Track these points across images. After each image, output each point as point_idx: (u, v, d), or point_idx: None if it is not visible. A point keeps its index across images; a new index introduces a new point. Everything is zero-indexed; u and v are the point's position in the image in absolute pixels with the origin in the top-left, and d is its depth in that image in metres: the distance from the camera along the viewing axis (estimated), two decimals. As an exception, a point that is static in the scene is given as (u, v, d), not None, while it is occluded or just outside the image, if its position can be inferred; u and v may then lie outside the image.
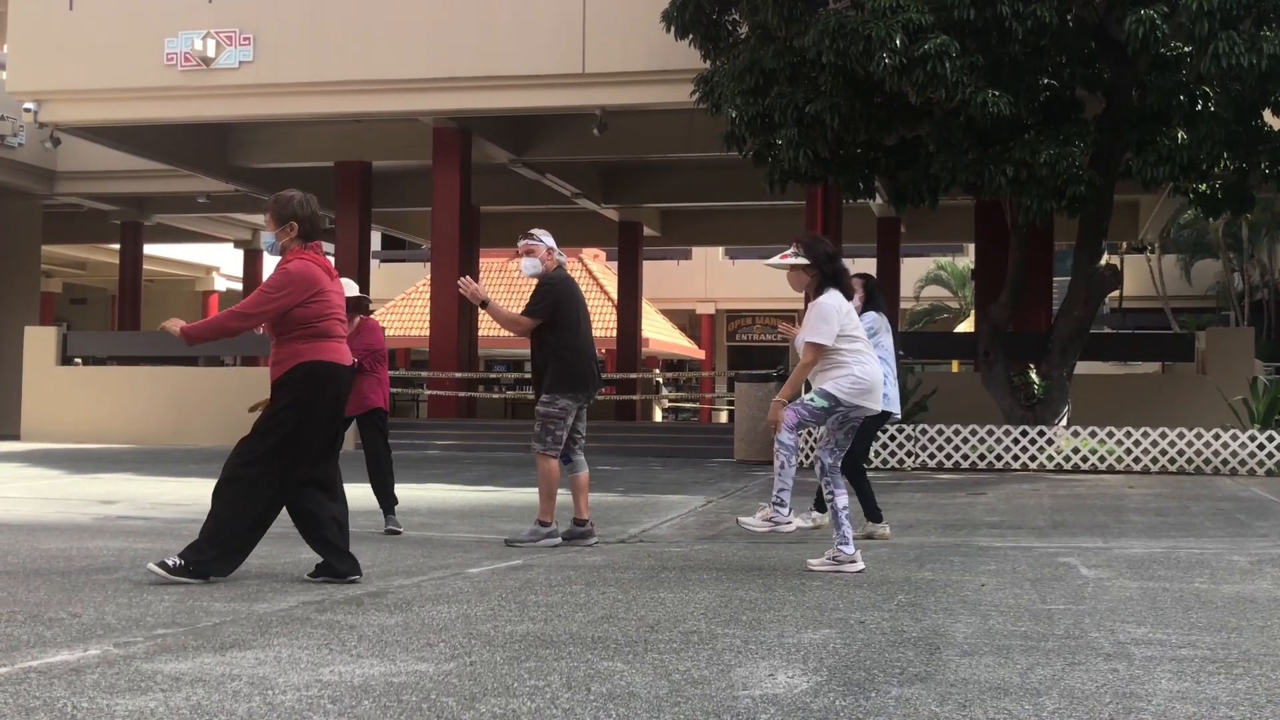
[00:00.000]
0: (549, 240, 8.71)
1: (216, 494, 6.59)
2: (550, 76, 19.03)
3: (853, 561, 7.30)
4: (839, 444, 7.41)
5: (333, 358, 6.65)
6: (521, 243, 8.73)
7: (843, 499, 7.37)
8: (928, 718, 3.90)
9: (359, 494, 10.70)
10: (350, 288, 10.15)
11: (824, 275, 7.35)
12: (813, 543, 8.72)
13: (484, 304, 8.59)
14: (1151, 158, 14.67)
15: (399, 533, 9.50)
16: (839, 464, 7.42)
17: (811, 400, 7.23)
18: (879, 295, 9.25)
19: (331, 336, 6.66)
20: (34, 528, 9.28)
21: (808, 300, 7.55)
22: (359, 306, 10.16)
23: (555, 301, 8.53)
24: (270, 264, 35.21)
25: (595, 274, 37.70)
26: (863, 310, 8.94)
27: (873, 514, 9.23)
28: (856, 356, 7.27)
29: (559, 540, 8.63)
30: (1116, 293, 32.88)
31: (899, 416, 9.64)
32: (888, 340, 9.02)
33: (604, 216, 29.47)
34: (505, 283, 38.30)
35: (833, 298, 7.30)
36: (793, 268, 7.39)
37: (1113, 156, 15.63)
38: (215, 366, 25.66)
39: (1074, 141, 14.53)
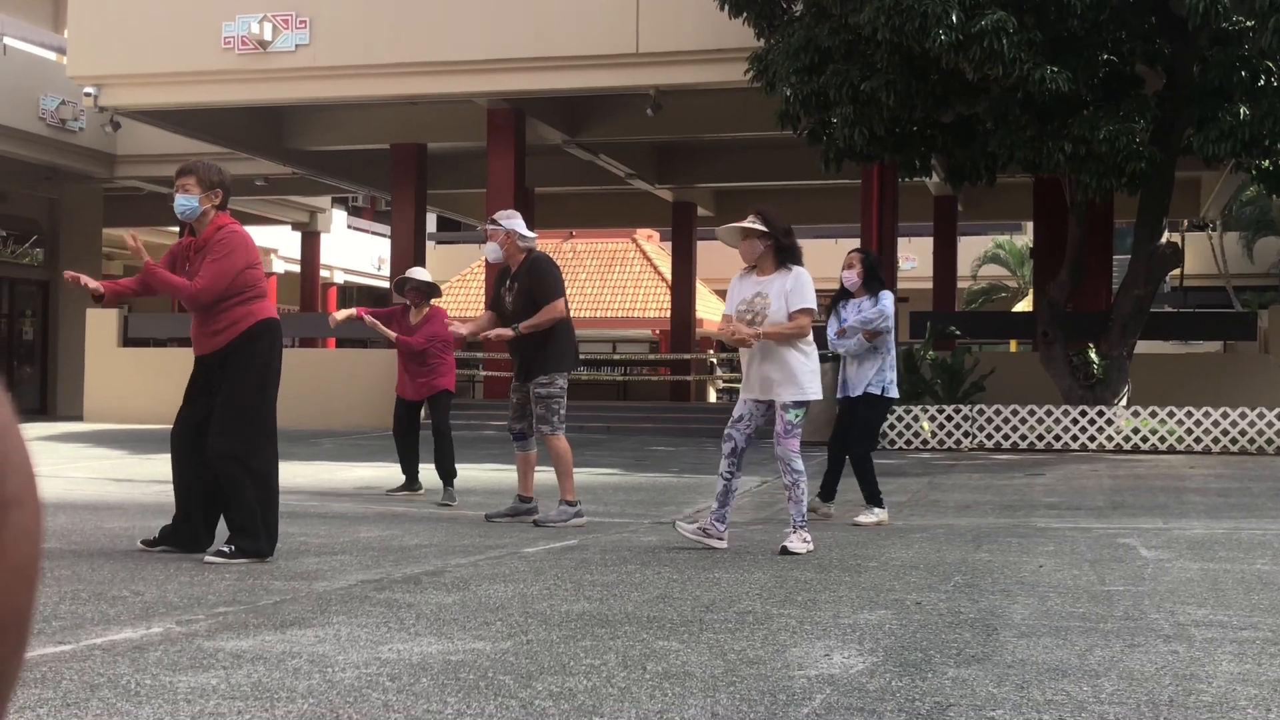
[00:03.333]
0: (509, 223, 8.70)
1: (251, 485, 6.58)
2: (604, 57, 19.01)
3: (720, 540, 7.39)
4: (758, 429, 7.45)
5: (274, 315, 6.86)
6: (485, 228, 8.82)
7: (738, 481, 7.47)
8: (985, 699, 3.88)
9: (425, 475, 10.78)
10: (421, 274, 10.62)
11: (780, 247, 7.34)
12: (857, 531, 8.70)
13: (517, 333, 8.58)
14: (1213, 134, 14.46)
15: (452, 505, 9.80)
16: (747, 448, 7.42)
17: (796, 418, 7.26)
18: (880, 271, 9.00)
19: (266, 298, 6.87)
20: (97, 507, 9.42)
21: (755, 270, 7.45)
22: (430, 293, 10.59)
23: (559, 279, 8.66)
24: (333, 243, 35.37)
25: (649, 255, 37.67)
26: (863, 286, 8.86)
27: (828, 494, 9.11)
28: (812, 353, 7.33)
29: (585, 519, 8.68)
30: (1177, 271, 32.50)
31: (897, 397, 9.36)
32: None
33: (658, 197, 29.41)
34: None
35: (806, 272, 7.37)
36: (750, 233, 7.35)
37: (1173, 133, 15.42)
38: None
39: (1134, 118, 14.35)
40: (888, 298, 8.84)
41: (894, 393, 8.89)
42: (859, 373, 8.86)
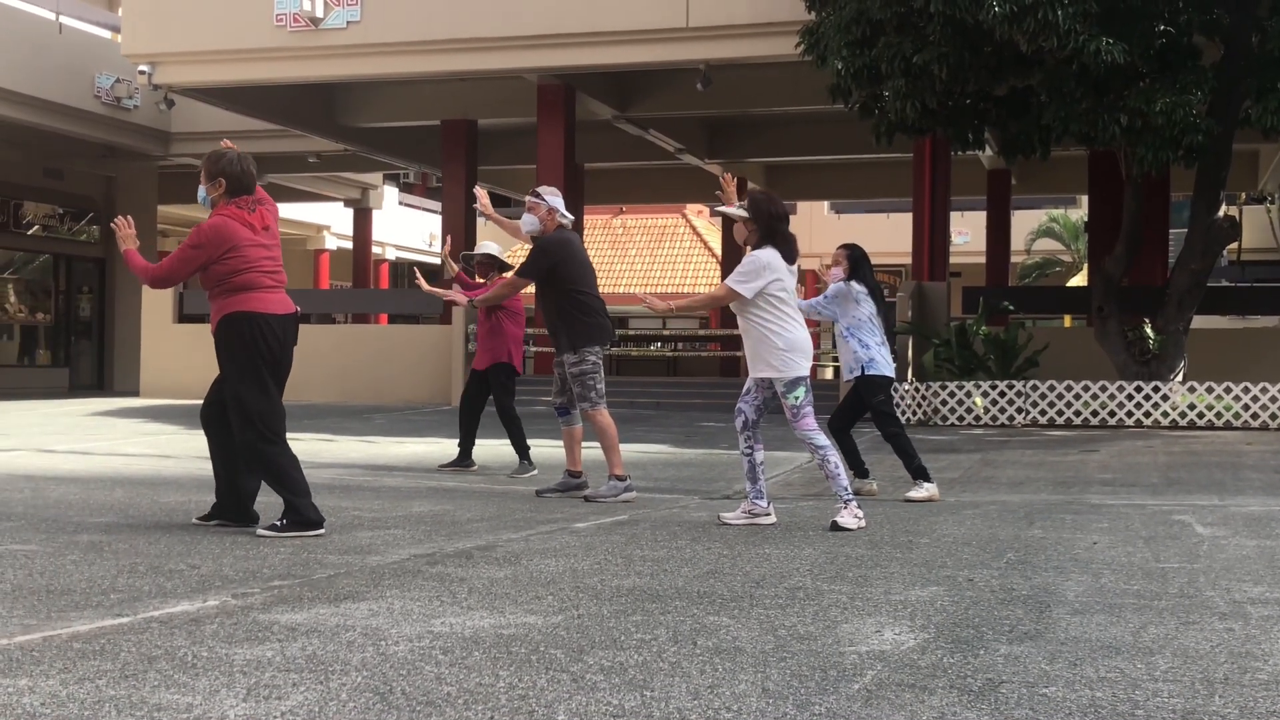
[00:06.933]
0: (552, 200, 8.69)
1: (259, 471, 6.86)
2: (654, 31, 18.93)
3: (767, 515, 7.50)
4: (766, 403, 7.56)
5: (253, 307, 6.81)
6: (527, 199, 8.79)
7: (760, 454, 7.54)
8: (1038, 676, 3.86)
9: (495, 452, 10.83)
10: (488, 247, 10.81)
11: (764, 232, 7.49)
12: (888, 504, 8.68)
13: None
14: (1271, 105, 14.24)
15: (536, 473, 10.14)
16: (760, 420, 7.55)
17: (795, 400, 7.35)
18: (865, 265, 9.09)
19: (255, 289, 6.81)
20: (154, 482, 9.54)
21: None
22: (498, 265, 10.77)
23: (551, 264, 8.57)
24: (385, 220, 35.58)
25: (699, 230, 37.62)
26: (847, 280, 8.93)
27: (858, 470, 9.17)
28: (787, 324, 7.38)
29: (635, 494, 8.70)
30: (1235, 245, 32.02)
31: (895, 379, 9.44)
32: (866, 309, 8.90)
33: (708, 172, 29.32)
34: (609, 240, 38.36)
35: (767, 253, 7.41)
36: (738, 219, 7.57)
37: (1231, 104, 15.20)
38: (327, 324, 26.05)
39: (1191, 89, 14.14)
40: (831, 291, 9.00)
41: (874, 370, 8.92)
42: (843, 357, 9.10)
